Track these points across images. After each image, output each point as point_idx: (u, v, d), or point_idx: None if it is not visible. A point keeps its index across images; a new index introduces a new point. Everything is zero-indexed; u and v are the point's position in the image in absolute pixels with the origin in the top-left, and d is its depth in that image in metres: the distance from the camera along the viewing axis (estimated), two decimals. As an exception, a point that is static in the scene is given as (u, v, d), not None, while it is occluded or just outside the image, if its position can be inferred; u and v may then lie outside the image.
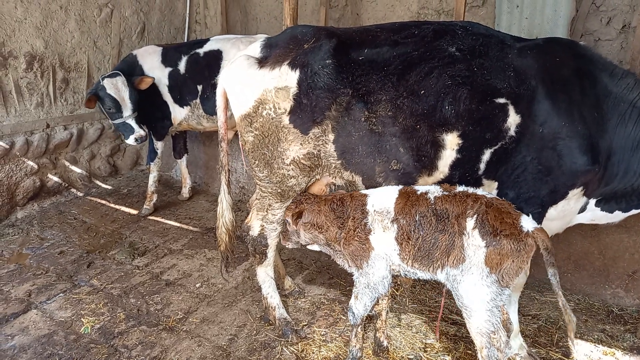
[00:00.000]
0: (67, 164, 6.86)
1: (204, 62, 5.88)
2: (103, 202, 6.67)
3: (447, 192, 2.95)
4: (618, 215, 3.44)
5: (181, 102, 6.04)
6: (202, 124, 6.15)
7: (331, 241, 3.27)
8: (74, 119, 6.84)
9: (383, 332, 3.55)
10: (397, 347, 3.65)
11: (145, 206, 6.30)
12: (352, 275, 3.28)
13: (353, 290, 3.25)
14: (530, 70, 3.08)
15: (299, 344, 3.68)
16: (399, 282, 4.44)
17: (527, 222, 2.75)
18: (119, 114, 5.56)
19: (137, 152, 7.98)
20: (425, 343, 3.70)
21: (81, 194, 6.89)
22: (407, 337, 3.77)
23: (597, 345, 3.72)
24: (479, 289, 2.74)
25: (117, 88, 5.45)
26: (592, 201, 3.36)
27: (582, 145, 3.03)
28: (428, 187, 3.06)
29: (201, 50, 5.96)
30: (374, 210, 3.06)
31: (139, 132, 5.63)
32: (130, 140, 5.66)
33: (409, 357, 3.55)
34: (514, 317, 3.52)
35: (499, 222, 2.72)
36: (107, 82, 5.41)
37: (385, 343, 3.56)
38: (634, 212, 3.41)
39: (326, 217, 3.22)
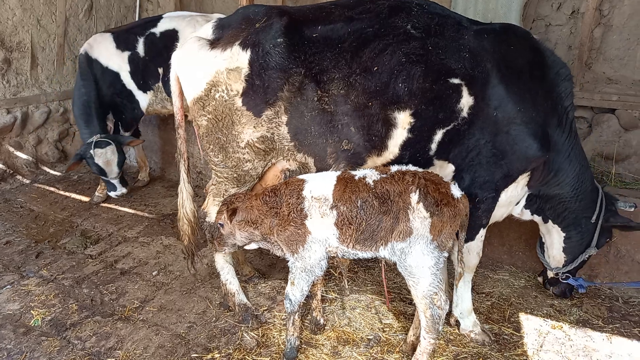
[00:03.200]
0: (11, 149, 6.51)
1: (162, 43, 5.64)
2: (52, 189, 6.38)
3: (384, 174, 3.01)
4: (526, 214, 3.77)
5: (144, 87, 5.80)
6: (167, 107, 5.95)
7: (266, 233, 3.23)
8: (18, 102, 6.48)
9: (319, 311, 3.67)
10: (357, 329, 3.70)
11: (97, 193, 6.07)
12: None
13: (289, 277, 3.23)
14: (485, 54, 3.12)
15: (260, 328, 3.67)
16: (336, 264, 4.46)
17: (456, 190, 2.96)
18: (103, 175, 5.58)
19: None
20: (384, 323, 3.77)
21: (28, 181, 6.57)
22: (366, 318, 3.83)
23: (546, 319, 3.90)
24: (426, 257, 2.90)
25: (107, 158, 5.42)
26: (526, 194, 3.57)
27: (537, 132, 3.13)
28: (364, 171, 3.08)
29: (157, 30, 5.70)
30: (312, 197, 3.04)
31: (121, 190, 5.78)
32: (112, 194, 5.84)
33: (369, 337, 3.61)
34: (468, 296, 3.63)
35: (437, 193, 2.88)
36: (97, 153, 5.33)
37: (322, 321, 3.68)
38: (535, 217, 3.78)
39: (259, 210, 3.18)
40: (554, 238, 3.82)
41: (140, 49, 5.69)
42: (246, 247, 3.42)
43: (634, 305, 4.13)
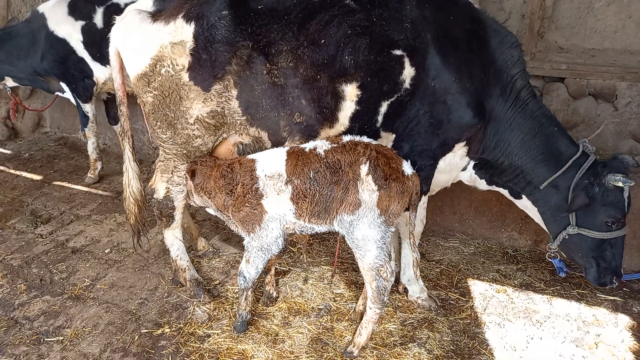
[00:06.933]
0: (-45, 127, 6.25)
1: None
2: (1, 168, 6.18)
3: (335, 144, 3.02)
4: (482, 184, 3.75)
5: (102, 60, 5.46)
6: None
7: (220, 208, 3.24)
8: (-40, 78, 6.15)
9: (272, 285, 3.73)
10: (308, 299, 3.77)
11: (89, 174, 5.90)
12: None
13: (244, 255, 3.26)
14: (426, 24, 3.13)
15: (212, 302, 3.70)
16: (295, 240, 4.51)
17: (407, 167, 2.99)
18: None
19: (37, 113, 7.37)
20: (335, 293, 3.85)
21: (-24, 160, 6.35)
22: (318, 288, 3.89)
23: (491, 284, 4.04)
24: (372, 230, 2.93)
25: None
26: (472, 163, 3.61)
27: (470, 102, 3.18)
28: (315, 142, 3.10)
29: (121, 1, 5.37)
30: (265, 175, 3.05)
31: None
32: None
33: (319, 307, 3.68)
34: (410, 260, 3.67)
35: (388, 167, 2.89)
36: None
37: (274, 294, 3.74)
38: (494, 188, 3.72)
39: (215, 182, 3.18)
40: (532, 213, 3.59)
41: (98, 19, 5.36)
42: (207, 210, 3.46)
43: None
